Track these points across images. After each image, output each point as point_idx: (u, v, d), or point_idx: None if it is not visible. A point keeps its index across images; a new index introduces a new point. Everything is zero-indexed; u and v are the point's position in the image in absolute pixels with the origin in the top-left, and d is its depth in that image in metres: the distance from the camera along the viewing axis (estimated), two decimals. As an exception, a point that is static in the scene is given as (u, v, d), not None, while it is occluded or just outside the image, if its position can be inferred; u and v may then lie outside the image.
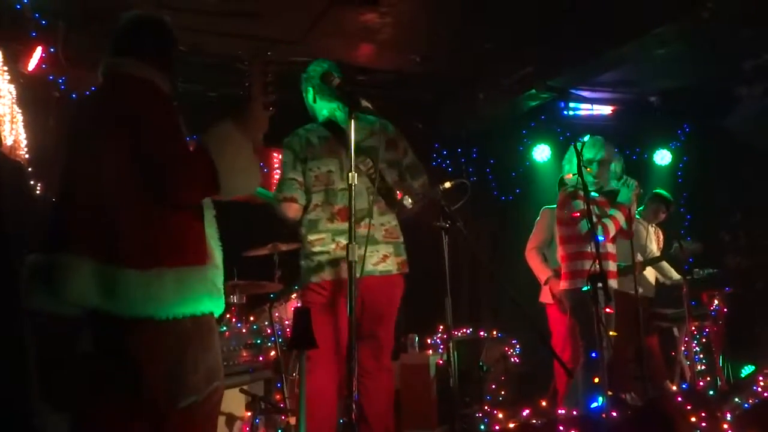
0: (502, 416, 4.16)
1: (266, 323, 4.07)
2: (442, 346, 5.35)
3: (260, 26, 4.93)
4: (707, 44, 5.46)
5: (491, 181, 7.33)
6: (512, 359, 5.76)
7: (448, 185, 3.27)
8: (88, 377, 2.06)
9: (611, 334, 3.85)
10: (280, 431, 3.78)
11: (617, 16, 4.88)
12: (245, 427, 3.65)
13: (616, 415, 3.38)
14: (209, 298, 2.11)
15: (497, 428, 3.86)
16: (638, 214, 5.19)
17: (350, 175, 2.55)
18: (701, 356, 6.15)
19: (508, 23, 5.14)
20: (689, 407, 3.58)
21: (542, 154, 7.30)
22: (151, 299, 1.98)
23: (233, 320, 4.07)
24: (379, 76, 5.92)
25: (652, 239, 5.59)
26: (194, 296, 2.06)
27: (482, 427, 4.42)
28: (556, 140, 7.10)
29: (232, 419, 3.63)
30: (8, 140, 3.93)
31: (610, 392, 3.38)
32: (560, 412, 4.04)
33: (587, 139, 4.24)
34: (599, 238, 3.83)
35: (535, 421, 3.85)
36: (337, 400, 3.14)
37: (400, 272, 3.21)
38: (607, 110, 7.29)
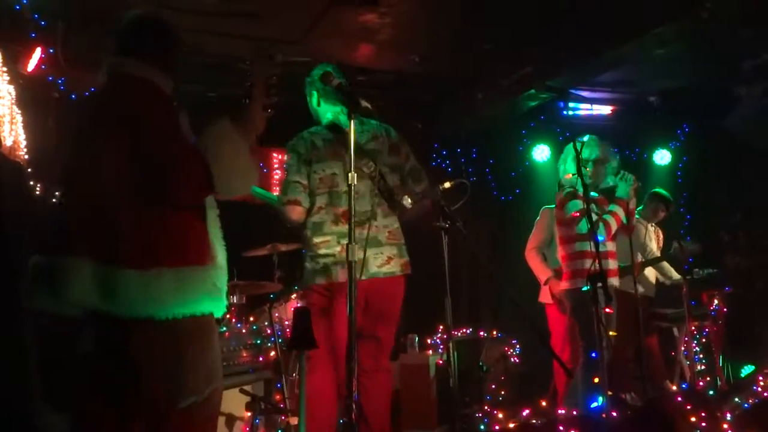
0: (502, 416, 4.16)
1: (266, 323, 4.06)
2: (441, 346, 5.34)
3: (260, 26, 4.92)
4: (707, 44, 5.46)
5: (491, 181, 7.33)
6: (512, 359, 5.76)
7: (447, 185, 3.28)
8: (88, 377, 2.06)
9: (611, 334, 3.85)
10: (280, 431, 3.77)
11: (617, 16, 4.87)
12: (245, 427, 3.65)
13: (616, 415, 3.38)
14: (209, 298, 2.11)
15: (497, 428, 3.86)
16: (638, 213, 5.18)
17: (350, 175, 2.55)
18: (701, 356, 6.15)
19: (507, 23, 5.14)
20: (689, 407, 3.58)
21: (542, 154, 7.30)
22: (150, 299, 1.98)
23: (233, 320, 4.07)
24: (378, 76, 5.91)
25: (651, 238, 5.58)
26: (194, 296, 2.06)
27: (482, 427, 4.42)
28: (555, 140, 7.10)
29: (232, 419, 3.63)
30: (8, 141, 3.93)
31: (609, 392, 3.38)
32: (560, 412, 4.04)
33: (587, 139, 4.24)
34: (600, 237, 3.84)
35: (534, 421, 3.85)
36: (337, 400, 3.14)
37: (403, 273, 3.23)
38: (606, 110, 7.29)
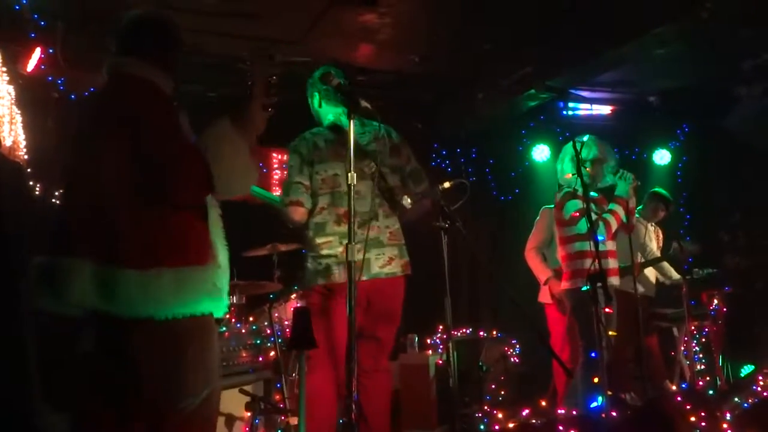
0: (501, 416, 4.16)
1: (266, 323, 4.06)
2: (441, 346, 5.34)
3: (259, 26, 4.92)
4: (706, 44, 5.46)
5: (490, 181, 7.33)
6: (512, 359, 5.76)
7: (447, 185, 3.28)
8: (88, 377, 2.06)
9: (611, 333, 3.85)
10: (279, 431, 3.78)
11: (616, 16, 4.87)
12: (245, 427, 3.65)
13: (615, 415, 3.38)
14: (209, 298, 2.11)
15: (497, 428, 3.85)
16: (637, 212, 5.18)
17: (349, 175, 2.55)
18: (701, 356, 6.15)
19: (507, 23, 5.14)
20: (689, 407, 3.58)
21: (541, 154, 7.30)
22: (150, 299, 1.98)
23: (233, 320, 4.06)
24: (378, 76, 5.91)
25: (651, 237, 5.58)
26: (194, 296, 2.05)
27: (482, 427, 4.42)
28: (555, 140, 7.09)
29: (231, 419, 3.63)
30: (7, 141, 3.93)
31: (609, 392, 3.39)
32: (560, 411, 4.04)
33: (585, 138, 4.24)
34: (600, 236, 3.84)
35: (534, 421, 3.85)
36: (337, 400, 3.14)
37: (403, 274, 3.23)
38: (606, 110, 7.29)
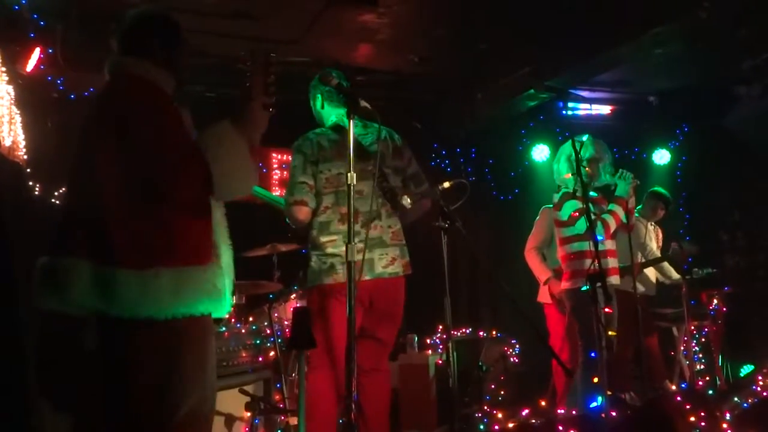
0: (501, 416, 4.16)
1: (265, 323, 4.06)
2: (441, 346, 5.34)
3: (258, 27, 4.92)
4: (706, 44, 5.46)
5: (490, 181, 7.33)
6: (511, 359, 5.76)
7: (447, 185, 3.29)
8: (88, 377, 2.06)
9: (610, 333, 3.85)
10: (279, 431, 3.77)
11: (616, 16, 4.88)
12: (245, 427, 3.65)
13: (615, 414, 3.38)
14: (208, 299, 2.10)
15: (496, 428, 3.85)
16: (637, 212, 5.18)
17: (349, 175, 2.55)
18: (700, 356, 6.16)
19: (506, 23, 5.14)
20: (688, 407, 3.58)
21: (541, 153, 7.30)
22: (148, 299, 1.98)
23: (232, 320, 4.06)
24: (377, 76, 5.91)
25: (651, 237, 5.59)
26: (193, 297, 2.05)
27: (481, 427, 4.42)
28: (554, 140, 7.08)
29: (231, 420, 3.63)
30: (6, 141, 3.93)
31: (609, 392, 3.39)
32: (559, 411, 4.04)
33: (585, 139, 4.24)
34: (599, 236, 3.84)
35: (534, 420, 3.84)
36: (337, 400, 3.14)
37: (404, 274, 3.24)
38: (605, 110, 7.29)
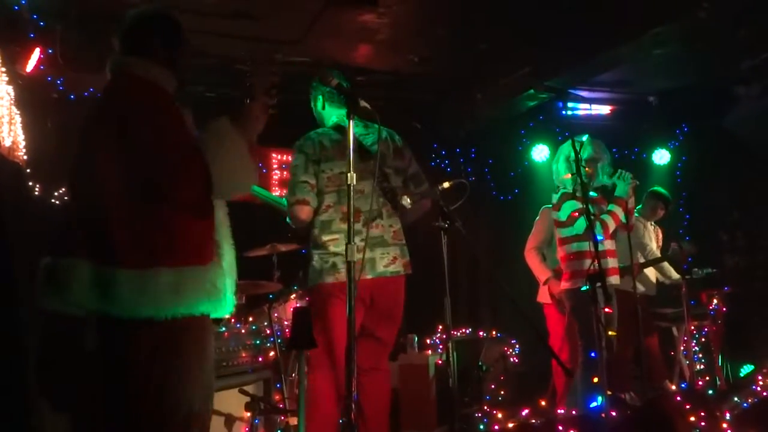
0: (501, 416, 4.16)
1: (265, 324, 4.06)
2: (441, 346, 5.34)
3: (258, 27, 4.92)
4: (705, 44, 5.46)
5: (490, 181, 7.33)
6: (511, 359, 5.76)
7: (446, 185, 3.29)
8: (88, 377, 2.06)
9: (610, 333, 3.85)
10: (279, 431, 3.77)
11: (616, 16, 4.88)
12: (244, 427, 3.65)
13: (615, 414, 3.38)
14: (207, 299, 2.10)
15: (496, 428, 3.85)
16: (637, 212, 5.18)
17: (349, 175, 2.55)
18: (700, 356, 6.16)
19: (506, 23, 5.14)
20: (688, 407, 3.58)
21: (541, 154, 7.29)
22: (148, 299, 1.98)
23: (232, 320, 4.06)
24: (377, 76, 5.91)
25: (651, 237, 5.59)
26: (192, 297, 2.05)
27: (481, 426, 4.42)
28: (554, 140, 7.07)
29: (231, 420, 3.63)
30: (6, 141, 3.92)
31: (609, 392, 3.39)
32: (559, 411, 4.04)
33: (584, 139, 4.24)
34: (598, 236, 3.84)
35: (534, 420, 3.84)
36: (337, 400, 3.14)
37: (405, 273, 3.26)
38: (605, 110, 7.29)
